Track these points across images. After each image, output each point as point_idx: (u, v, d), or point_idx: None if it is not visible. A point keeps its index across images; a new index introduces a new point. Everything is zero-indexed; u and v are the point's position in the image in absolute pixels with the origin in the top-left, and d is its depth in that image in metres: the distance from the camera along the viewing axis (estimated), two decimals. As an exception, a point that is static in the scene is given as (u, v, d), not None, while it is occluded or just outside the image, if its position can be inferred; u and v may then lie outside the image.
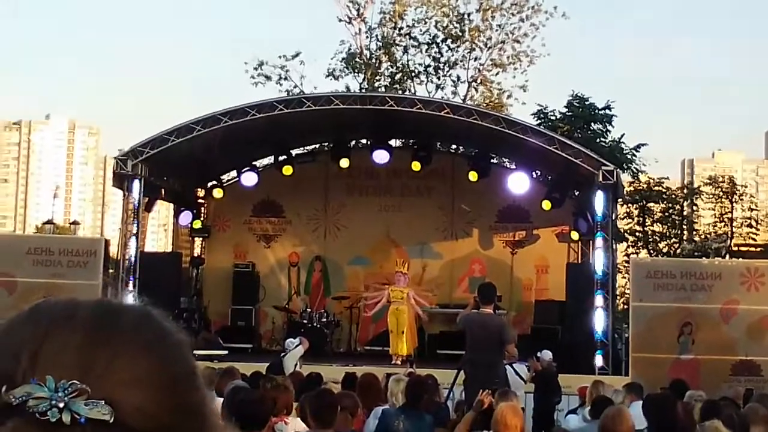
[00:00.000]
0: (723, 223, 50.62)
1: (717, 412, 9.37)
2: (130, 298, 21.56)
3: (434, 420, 10.62)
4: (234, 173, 27.10)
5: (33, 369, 1.11)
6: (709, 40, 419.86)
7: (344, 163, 25.24)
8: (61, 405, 1.08)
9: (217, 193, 26.70)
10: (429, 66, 41.98)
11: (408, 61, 42.33)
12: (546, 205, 24.49)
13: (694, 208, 52.83)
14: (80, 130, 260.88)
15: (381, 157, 24.92)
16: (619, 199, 26.32)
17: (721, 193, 50.74)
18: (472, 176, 24.67)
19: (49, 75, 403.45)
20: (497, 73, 42.32)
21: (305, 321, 24.27)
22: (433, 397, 12.51)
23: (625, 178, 35.17)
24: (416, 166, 24.91)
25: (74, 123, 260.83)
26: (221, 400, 8.11)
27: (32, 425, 1.07)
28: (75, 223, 42.18)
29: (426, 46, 41.84)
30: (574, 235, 25.04)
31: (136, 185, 22.25)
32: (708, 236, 49.58)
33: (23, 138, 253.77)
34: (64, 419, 1.07)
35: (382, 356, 22.07)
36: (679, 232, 47.97)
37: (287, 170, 25.49)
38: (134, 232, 22.51)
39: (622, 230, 41.38)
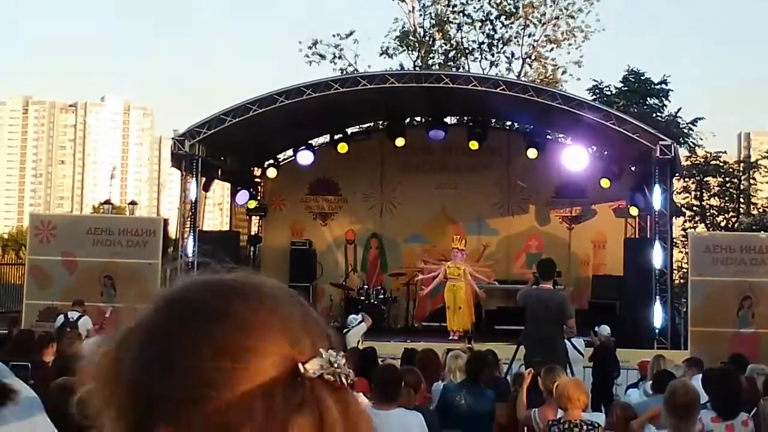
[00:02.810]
0: (781, 197, 50.05)
1: (780, 386, 9.35)
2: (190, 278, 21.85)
3: (495, 395, 10.67)
4: (290, 152, 27.22)
5: (295, 338, 1.23)
6: (764, 11, 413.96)
7: (400, 141, 25.26)
8: (342, 372, 1.22)
9: (272, 172, 26.82)
10: (483, 43, 41.87)
11: (462, 38, 42.25)
12: (605, 183, 24.43)
13: (752, 181, 52.27)
14: (135, 111, 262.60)
15: (436, 134, 24.95)
16: (677, 174, 26.13)
17: (779, 167, 50.14)
18: (532, 153, 24.60)
19: (104, 57, 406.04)
20: (551, 49, 42.15)
21: (362, 298, 24.38)
22: (493, 372, 12.57)
23: (682, 152, 34.90)
24: (474, 145, 24.95)
25: (129, 104, 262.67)
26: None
27: (327, 390, 1.20)
28: (133, 203, 42.23)
29: (480, 23, 41.71)
30: (633, 211, 24.87)
31: (194, 165, 22.42)
32: (766, 210, 49.06)
33: (79, 120, 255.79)
34: (345, 382, 1.23)
35: (440, 332, 22.10)
36: (736, 206, 47.49)
37: (342, 148, 25.60)
38: (192, 211, 22.69)
39: (679, 205, 41.10)
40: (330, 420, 1.19)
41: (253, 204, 27.22)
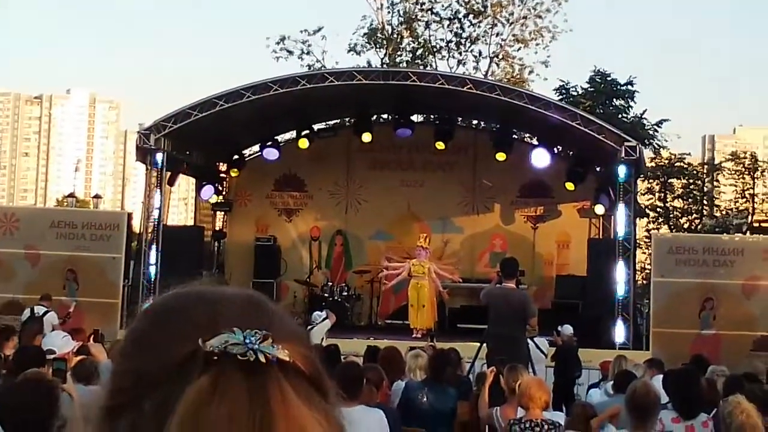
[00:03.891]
0: (744, 199, 50.46)
1: (740, 387, 9.40)
2: (152, 271, 21.76)
3: (457, 393, 10.67)
4: (256, 148, 27.17)
5: (217, 327, 1.24)
6: (730, 15, 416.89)
7: (366, 137, 25.23)
8: (255, 348, 1.22)
9: (234, 173, 26.83)
10: (450, 41, 41.97)
11: (430, 36, 42.32)
12: (569, 186, 24.52)
13: (716, 184, 52.69)
14: (101, 104, 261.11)
15: (403, 132, 24.99)
16: (641, 175, 26.26)
17: (742, 169, 50.54)
18: (500, 156, 24.65)
19: (69, 49, 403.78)
20: (519, 49, 42.32)
21: (326, 295, 24.36)
22: (455, 371, 12.58)
23: (647, 153, 35.06)
24: (440, 145, 24.99)
25: (95, 97, 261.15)
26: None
27: (234, 368, 1.20)
28: (97, 196, 42.18)
29: (448, 21, 41.79)
30: (598, 209, 24.91)
31: (159, 159, 22.34)
32: (729, 212, 49.45)
33: (44, 112, 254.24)
34: (261, 358, 1.21)
35: (403, 330, 22.13)
36: (700, 208, 47.87)
37: (303, 143, 25.57)
38: (156, 205, 22.61)
39: (643, 206, 41.34)
40: (223, 394, 1.19)
41: (217, 199, 27.16)
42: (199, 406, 1.18)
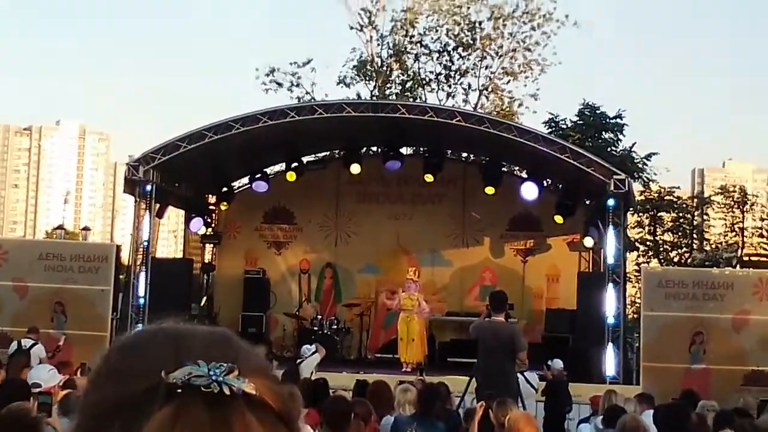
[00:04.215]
0: (734, 233, 50.54)
1: (730, 422, 9.36)
2: (141, 303, 21.66)
3: (447, 428, 10.60)
4: (246, 180, 27.15)
5: (181, 360, 1.23)
6: (720, 50, 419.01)
7: (355, 168, 25.20)
8: (219, 380, 1.20)
9: (223, 206, 26.83)
10: (440, 74, 42.06)
11: (419, 69, 42.40)
12: (558, 219, 24.51)
13: (705, 217, 52.78)
14: (90, 136, 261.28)
15: (392, 165, 24.96)
16: (630, 208, 26.27)
17: (732, 203, 50.65)
18: (489, 190, 24.67)
19: (59, 81, 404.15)
20: (508, 82, 42.43)
21: (316, 328, 24.28)
22: (445, 405, 12.50)
23: (636, 187, 35.10)
24: (429, 178, 24.97)
25: (85, 129, 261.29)
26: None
27: (197, 399, 1.19)
28: (86, 228, 42.21)
29: (437, 54, 41.92)
30: (588, 242, 24.87)
31: (148, 191, 22.28)
32: (719, 246, 49.50)
33: (34, 144, 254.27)
34: (225, 391, 1.20)
35: (393, 364, 22.05)
36: (689, 241, 47.90)
37: (291, 176, 25.53)
38: (145, 238, 22.53)
39: (632, 239, 41.34)
40: (184, 425, 1.18)
41: (206, 231, 27.12)
42: None
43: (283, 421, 1.26)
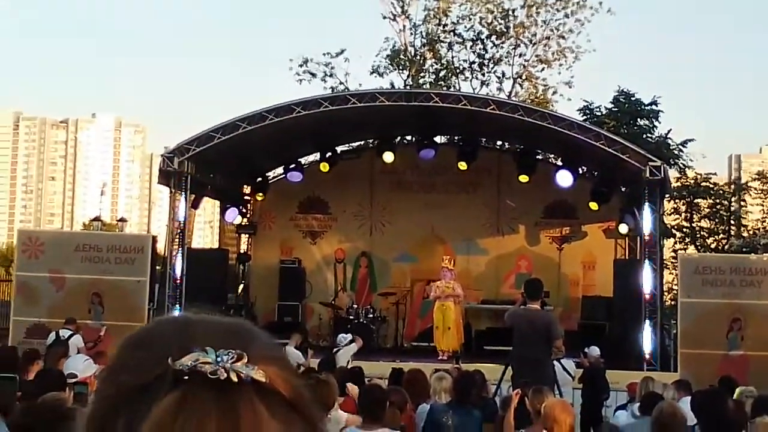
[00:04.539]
0: (772, 219, 50.10)
1: (768, 409, 9.29)
2: (177, 295, 21.74)
3: (482, 415, 10.59)
4: (280, 170, 27.21)
5: (189, 348, 1.21)
6: (756, 35, 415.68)
7: (388, 157, 25.17)
8: (227, 367, 1.19)
9: (259, 197, 26.90)
10: (473, 62, 41.96)
11: (452, 57, 42.32)
12: (593, 206, 24.40)
13: (742, 203, 52.34)
14: (126, 128, 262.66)
15: (427, 153, 24.89)
16: (667, 195, 26.12)
17: (770, 189, 50.21)
18: (523, 178, 24.62)
19: (95, 73, 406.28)
20: (542, 69, 42.30)
21: (351, 317, 24.28)
22: (480, 393, 12.48)
23: (672, 173, 34.86)
24: (463, 166, 24.87)
25: (120, 121, 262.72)
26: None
27: (205, 386, 1.18)
28: (122, 220, 42.40)
29: (470, 43, 41.82)
30: (622, 228, 24.76)
31: (183, 182, 22.35)
32: (756, 232, 49.10)
33: (70, 136, 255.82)
34: (233, 378, 1.18)
35: (429, 352, 22.04)
36: (726, 228, 47.53)
37: (324, 167, 25.59)
38: (181, 228, 22.62)
39: (669, 226, 41.10)
40: (190, 411, 1.17)
41: (242, 221, 27.20)
42: (164, 423, 1.16)
43: (297, 410, 1.24)
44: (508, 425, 9.89)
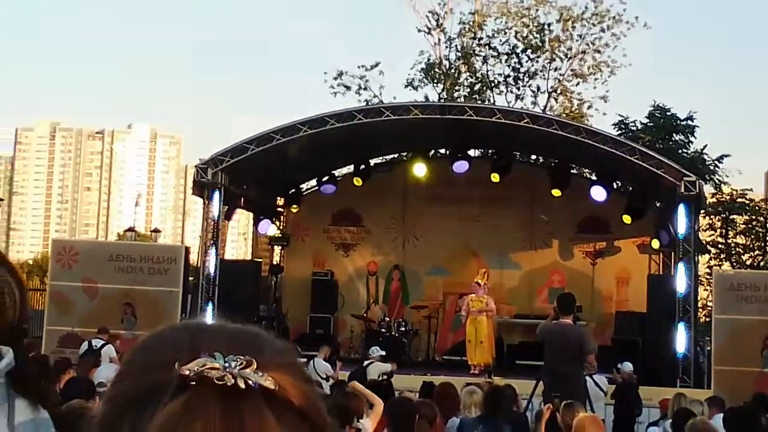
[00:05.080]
0: (807, 236, 49.73)
1: (802, 427, 9.19)
2: (209, 305, 21.79)
3: (513, 430, 10.54)
4: (313, 182, 27.25)
5: (198, 353, 1.20)
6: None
7: (420, 170, 25.17)
8: (234, 373, 1.16)
9: (294, 209, 26.92)
10: (509, 76, 41.81)
11: (487, 71, 42.21)
12: (626, 219, 24.25)
13: (778, 220, 51.99)
14: (162, 139, 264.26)
15: (460, 166, 24.79)
16: (702, 211, 25.97)
17: (805, 206, 49.86)
18: (555, 193, 24.51)
19: (131, 85, 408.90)
20: (577, 84, 42.08)
21: (383, 330, 24.26)
22: (511, 407, 12.44)
23: (708, 189, 34.68)
24: (495, 177, 24.72)
25: (156, 132, 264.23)
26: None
27: (210, 392, 1.16)
28: (156, 230, 42.59)
29: (506, 57, 41.67)
30: (655, 244, 24.67)
31: (216, 194, 22.42)
32: (792, 249, 48.75)
33: (106, 147, 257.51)
34: (240, 384, 1.16)
35: (461, 366, 21.98)
36: (762, 244, 47.20)
37: (357, 181, 25.63)
38: (214, 240, 22.67)
39: (704, 242, 40.85)
40: (194, 417, 1.15)
41: (275, 233, 27.24)
42: (168, 427, 1.14)
43: (307, 419, 1.22)
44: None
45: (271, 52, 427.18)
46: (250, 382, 1.17)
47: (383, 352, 18.04)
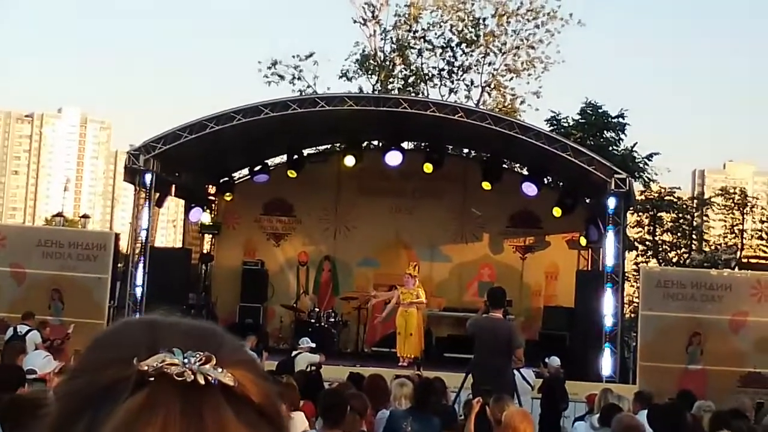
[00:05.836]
0: (733, 235, 50.51)
1: (726, 424, 9.33)
2: (138, 292, 21.63)
3: (442, 423, 10.58)
4: (245, 171, 27.15)
5: (156, 349, 1.19)
6: (722, 51, 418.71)
7: (349, 161, 25.12)
8: (194, 369, 1.16)
9: (227, 197, 26.80)
10: (443, 70, 41.92)
11: (422, 64, 42.30)
12: (557, 212, 24.44)
13: (705, 218, 52.73)
14: (92, 124, 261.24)
15: (394, 158, 24.81)
16: (631, 208, 26.24)
17: (732, 205, 50.62)
18: (486, 186, 24.63)
19: (62, 68, 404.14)
20: (511, 79, 42.27)
21: (313, 320, 24.24)
22: (440, 400, 12.49)
23: (637, 187, 35.02)
24: (428, 167, 24.76)
25: (86, 117, 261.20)
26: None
27: (169, 388, 1.15)
28: (85, 216, 41.98)
29: (440, 50, 41.78)
30: (583, 242, 24.99)
31: (148, 180, 22.25)
32: (718, 247, 49.48)
33: (35, 131, 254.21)
34: (199, 380, 1.16)
35: (389, 358, 22.04)
36: (688, 242, 47.87)
37: (291, 173, 25.57)
38: (144, 227, 22.50)
39: (632, 239, 41.31)
40: (154, 413, 1.14)
41: (206, 221, 27.08)
42: (127, 423, 1.13)
43: (266, 416, 1.22)
44: (467, 433, 9.90)
45: (202, 36, 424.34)
46: (210, 378, 1.17)
47: (313, 344, 17.99)
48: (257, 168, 26.18)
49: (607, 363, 20.76)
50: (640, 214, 44.42)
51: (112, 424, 1.14)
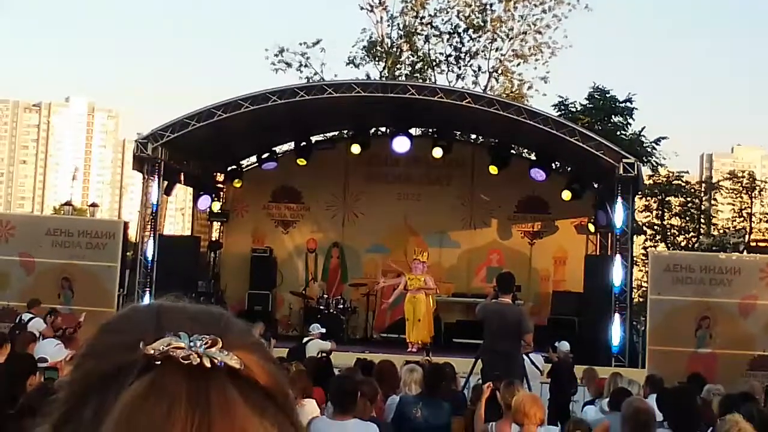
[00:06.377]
0: (742, 219, 50.47)
1: (736, 407, 9.33)
2: (148, 281, 21.67)
3: (452, 408, 10.61)
4: (254, 158, 27.17)
5: (162, 333, 1.19)
6: (730, 34, 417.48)
7: (356, 149, 25.15)
8: (200, 352, 1.16)
9: (236, 183, 26.82)
10: (450, 56, 41.91)
11: (429, 50, 42.27)
12: (566, 195, 24.42)
13: (713, 202, 52.68)
14: (99, 113, 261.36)
15: (401, 144, 24.81)
16: (639, 192, 26.23)
17: (740, 188, 50.56)
18: (492, 170, 24.64)
19: (69, 57, 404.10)
20: (518, 64, 42.27)
21: (322, 307, 24.26)
22: (450, 385, 12.51)
23: (645, 171, 34.99)
24: (436, 153, 24.79)
25: (93, 106, 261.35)
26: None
27: (175, 371, 1.16)
28: (94, 205, 41.95)
29: (447, 36, 41.76)
30: (591, 228, 25.00)
31: (156, 168, 22.27)
32: (726, 231, 49.41)
33: (43, 120, 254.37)
34: (206, 363, 1.16)
35: (398, 344, 22.06)
36: (697, 226, 47.82)
37: (301, 162, 25.60)
38: (153, 215, 22.53)
39: (640, 223, 41.29)
40: (160, 396, 1.14)
41: (215, 209, 27.10)
42: (134, 407, 1.13)
43: (273, 399, 1.22)
44: (478, 418, 9.93)
45: (211, 24, 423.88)
46: (216, 361, 1.17)
47: (324, 330, 18.02)
48: (265, 155, 26.20)
49: (616, 335, 20.74)
50: (649, 198, 44.40)
51: (118, 407, 1.14)
